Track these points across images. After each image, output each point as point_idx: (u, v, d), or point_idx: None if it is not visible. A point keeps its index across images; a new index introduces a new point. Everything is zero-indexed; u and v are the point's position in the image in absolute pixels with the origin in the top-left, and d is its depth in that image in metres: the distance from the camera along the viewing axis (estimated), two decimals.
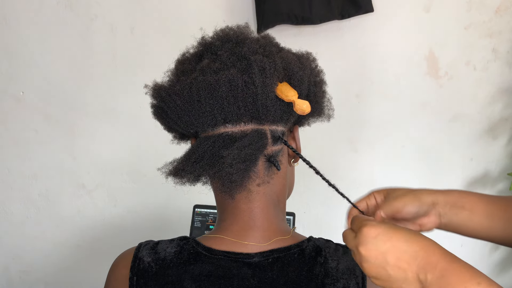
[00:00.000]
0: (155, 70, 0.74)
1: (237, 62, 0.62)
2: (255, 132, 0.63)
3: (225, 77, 0.60)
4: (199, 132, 0.65)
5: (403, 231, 0.51)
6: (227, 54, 0.63)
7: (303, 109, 0.63)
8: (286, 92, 0.62)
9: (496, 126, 1.56)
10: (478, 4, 1.47)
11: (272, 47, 0.66)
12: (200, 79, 0.61)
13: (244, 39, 0.66)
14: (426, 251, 0.49)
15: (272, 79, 0.62)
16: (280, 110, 0.64)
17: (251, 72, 0.61)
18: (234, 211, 0.67)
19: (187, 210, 1.26)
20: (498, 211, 0.64)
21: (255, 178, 0.65)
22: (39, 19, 1.59)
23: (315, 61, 0.71)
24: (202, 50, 0.67)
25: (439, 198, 0.64)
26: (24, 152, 1.70)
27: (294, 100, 0.62)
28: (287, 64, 0.64)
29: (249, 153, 0.62)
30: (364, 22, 1.50)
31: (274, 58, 0.63)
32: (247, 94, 0.61)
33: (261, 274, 0.63)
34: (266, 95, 0.62)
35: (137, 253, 0.67)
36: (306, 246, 0.66)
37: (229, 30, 0.68)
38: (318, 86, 0.70)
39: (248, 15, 1.51)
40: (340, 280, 0.64)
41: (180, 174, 0.64)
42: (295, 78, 0.64)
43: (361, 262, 0.53)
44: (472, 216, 0.64)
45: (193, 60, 0.66)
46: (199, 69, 0.63)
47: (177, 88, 0.63)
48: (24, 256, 1.79)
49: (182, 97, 0.62)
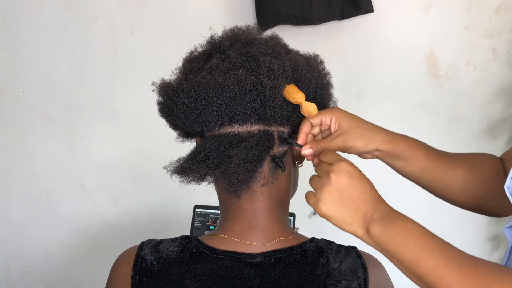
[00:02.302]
0: (155, 70, 0.74)
1: (246, 62, 0.62)
2: (262, 132, 0.63)
3: (234, 77, 0.60)
4: (205, 131, 0.65)
5: (369, 180, 0.60)
6: (236, 54, 0.63)
7: (310, 111, 0.63)
8: (293, 94, 0.62)
9: (496, 126, 1.56)
10: (478, 4, 1.47)
11: (280, 48, 0.66)
12: (208, 78, 0.61)
13: (253, 40, 0.66)
14: (380, 200, 0.58)
15: (280, 81, 0.62)
16: (287, 111, 0.64)
17: (259, 73, 0.61)
18: (237, 211, 0.67)
19: (187, 210, 1.26)
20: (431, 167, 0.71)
21: (260, 179, 0.65)
22: (39, 19, 1.59)
23: (322, 63, 0.71)
24: (210, 49, 0.67)
25: (384, 147, 0.69)
26: (24, 152, 1.69)
27: (301, 102, 0.62)
28: (296, 66, 0.64)
29: (256, 153, 0.62)
30: (364, 22, 1.50)
31: (283, 59, 0.63)
32: (255, 94, 0.61)
33: (263, 274, 0.63)
34: (274, 96, 0.62)
35: (140, 251, 0.67)
36: (309, 247, 0.66)
37: (238, 30, 0.68)
38: (325, 88, 0.71)
39: (248, 15, 1.51)
40: (342, 281, 0.64)
41: (186, 172, 0.64)
42: (303, 80, 0.64)
43: (324, 185, 0.58)
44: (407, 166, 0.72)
45: (202, 59, 0.66)
46: (208, 68, 0.63)
47: (185, 86, 0.63)
48: (24, 256, 1.79)
49: (190, 95, 0.62)
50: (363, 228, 0.56)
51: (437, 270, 0.50)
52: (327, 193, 0.57)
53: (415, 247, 0.52)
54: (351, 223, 0.57)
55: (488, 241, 1.66)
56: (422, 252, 0.51)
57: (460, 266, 0.49)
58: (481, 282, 0.47)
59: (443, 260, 0.50)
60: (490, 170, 0.72)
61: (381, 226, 0.54)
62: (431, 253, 0.51)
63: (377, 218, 0.55)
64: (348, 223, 0.57)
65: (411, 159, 0.71)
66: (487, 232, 1.66)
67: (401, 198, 1.64)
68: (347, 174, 0.57)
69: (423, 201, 1.65)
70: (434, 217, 1.65)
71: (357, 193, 0.57)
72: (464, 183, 0.72)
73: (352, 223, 0.57)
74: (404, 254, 0.52)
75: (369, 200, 0.57)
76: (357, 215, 0.56)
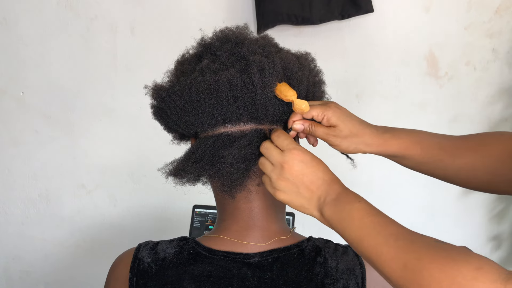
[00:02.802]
0: (155, 70, 0.74)
1: (236, 62, 0.62)
2: (254, 132, 0.63)
3: (225, 77, 0.60)
4: (199, 132, 0.66)
5: (322, 163, 0.61)
6: (226, 55, 0.63)
7: (302, 108, 0.63)
8: (285, 92, 0.62)
9: (496, 126, 1.56)
10: (478, 4, 1.47)
11: (271, 47, 0.67)
12: (199, 80, 0.61)
13: (243, 40, 0.66)
14: (333, 182, 0.59)
15: (271, 79, 0.62)
16: (280, 110, 0.64)
17: (250, 72, 0.61)
18: (233, 211, 0.67)
19: (187, 210, 1.26)
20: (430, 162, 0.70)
21: (255, 178, 0.65)
22: (39, 19, 1.59)
23: (314, 61, 0.71)
24: (201, 51, 0.68)
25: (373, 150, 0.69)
26: (24, 152, 1.69)
27: (293, 100, 0.62)
28: (286, 64, 0.64)
29: (249, 152, 0.62)
30: (364, 22, 1.50)
31: (273, 58, 0.63)
32: (246, 94, 0.61)
33: (260, 274, 0.64)
34: (265, 95, 0.62)
35: (137, 253, 0.67)
36: (306, 246, 0.67)
37: (228, 31, 0.68)
38: (317, 86, 0.71)
39: (248, 15, 1.51)
40: (340, 280, 0.64)
41: (180, 174, 0.64)
42: (294, 78, 0.64)
43: (279, 175, 0.59)
44: (402, 161, 0.71)
45: (193, 61, 0.67)
46: (199, 69, 0.63)
47: (177, 88, 0.63)
48: (24, 256, 1.79)
49: (182, 97, 0.62)
50: (318, 211, 0.59)
51: (377, 247, 0.51)
52: (282, 183, 0.59)
53: (359, 226, 0.54)
54: (307, 207, 0.59)
55: (489, 241, 1.66)
56: (364, 231, 0.53)
57: (398, 242, 0.50)
58: (413, 256, 0.48)
59: (382, 238, 0.51)
60: (500, 156, 0.68)
61: (332, 208, 0.57)
62: (372, 232, 0.53)
63: (329, 200, 0.58)
64: (305, 208, 0.60)
65: (405, 158, 0.70)
66: (487, 232, 1.66)
67: (401, 198, 1.65)
68: (300, 164, 0.59)
69: (423, 201, 1.65)
70: (434, 217, 1.65)
71: (310, 179, 0.59)
72: (470, 173, 0.70)
73: (308, 207, 0.59)
74: (350, 233, 0.55)
75: (323, 185, 0.59)
76: (312, 200, 0.59)
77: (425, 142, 0.71)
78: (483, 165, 0.69)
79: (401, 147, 0.69)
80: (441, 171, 0.71)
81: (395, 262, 0.49)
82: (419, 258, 0.47)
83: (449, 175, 0.71)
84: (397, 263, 0.48)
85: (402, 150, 0.69)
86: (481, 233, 1.66)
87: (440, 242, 0.49)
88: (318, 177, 0.59)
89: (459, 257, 0.45)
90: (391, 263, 0.49)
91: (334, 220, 0.57)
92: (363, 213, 0.55)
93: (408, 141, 0.70)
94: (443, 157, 0.70)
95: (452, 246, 0.48)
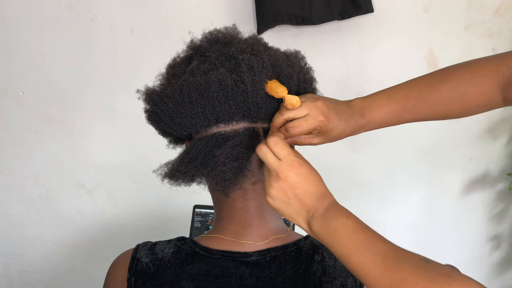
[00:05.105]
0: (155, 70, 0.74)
1: (226, 61, 0.63)
2: (247, 130, 0.64)
3: (215, 77, 0.61)
4: (193, 133, 0.66)
5: (316, 176, 0.60)
6: (216, 55, 0.64)
7: (293, 103, 0.63)
8: (275, 89, 0.63)
9: (496, 126, 1.56)
10: (478, 4, 1.47)
11: (259, 46, 0.67)
12: (190, 81, 0.62)
13: (231, 40, 0.66)
14: (324, 197, 0.59)
15: (261, 77, 0.62)
16: (271, 107, 0.65)
17: (239, 70, 0.61)
18: (230, 211, 0.67)
19: (187, 210, 1.26)
20: (409, 118, 0.72)
21: (250, 177, 0.65)
22: (39, 19, 1.59)
23: (304, 59, 0.71)
24: (191, 53, 0.68)
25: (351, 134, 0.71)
26: (24, 152, 1.70)
27: (284, 95, 0.63)
28: (275, 61, 0.65)
29: (241, 151, 0.62)
30: (364, 22, 1.50)
31: (262, 56, 0.64)
32: (237, 92, 0.62)
33: (258, 273, 0.64)
34: (256, 92, 0.62)
35: (135, 254, 0.67)
36: (303, 244, 0.67)
37: (217, 32, 0.69)
38: (308, 83, 0.71)
39: (248, 15, 1.51)
40: (338, 278, 0.64)
41: (175, 175, 0.64)
42: (284, 75, 0.65)
43: (273, 183, 0.59)
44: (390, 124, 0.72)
45: (183, 63, 0.67)
46: (189, 70, 0.64)
47: (169, 90, 0.63)
48: (24, 256, 1.79)
49: (174, 99, 0.63)
50: (306, 224, 0.59)
51: (365, 265, 0.52)
52: (275, 191, 0.59)
53: (347, 243, 0.54)
54: (295, 218, 0.60)
55: (488, 241, 1.66)
56: (351, 248, 0.54)
57: (385, 261, 0.50)
58: (399, 276, 0.48)
59: (370, 256, 0.52)
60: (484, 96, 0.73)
61: (320, 222, 0.57)
62: (360, 249, 0.53)
63: (318, 215, 0.58)
64: (293, 218, 0.60)
65: (392, 123, 0.72)
66: (487, 232, 1.66)
67: (400, 199, 1.65)
68: (295, 177, 0.58)
69: (423, 201, 1.65)
70: (434, 217, 1.65)
71: (303, 191, 0.59)
72: (452, 115, 0.75)
73: (296, 218, 0.59)
74: (338, 249, 0.55)
75: (313, 199, 0.59)
76: (301, 211, 0.59)
77: (399, 100, 0.72)
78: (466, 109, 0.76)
79: (380, 124, 0.71)
80: (423, 118, 0.74)
81: (382, 282, 0.50)
82: (403, 280, 0.48)
83: (432, 117, 0.75)
84: (384, 283, 0.50)
85: (384, 123, 0.71)
86: (481, 233, 1.66)
87: (425, 261, 0.49)
88: (309, 191, 0.59)
89: (442, 279, 0.46)
90: (379, 282, 0.50)
91: (321, 234, 0.57)
92: (350, 229, 0.55)
93: (384, 117, 0.71)
94: (420, 112, 0.72)
95: (437, 267, 0.48)
